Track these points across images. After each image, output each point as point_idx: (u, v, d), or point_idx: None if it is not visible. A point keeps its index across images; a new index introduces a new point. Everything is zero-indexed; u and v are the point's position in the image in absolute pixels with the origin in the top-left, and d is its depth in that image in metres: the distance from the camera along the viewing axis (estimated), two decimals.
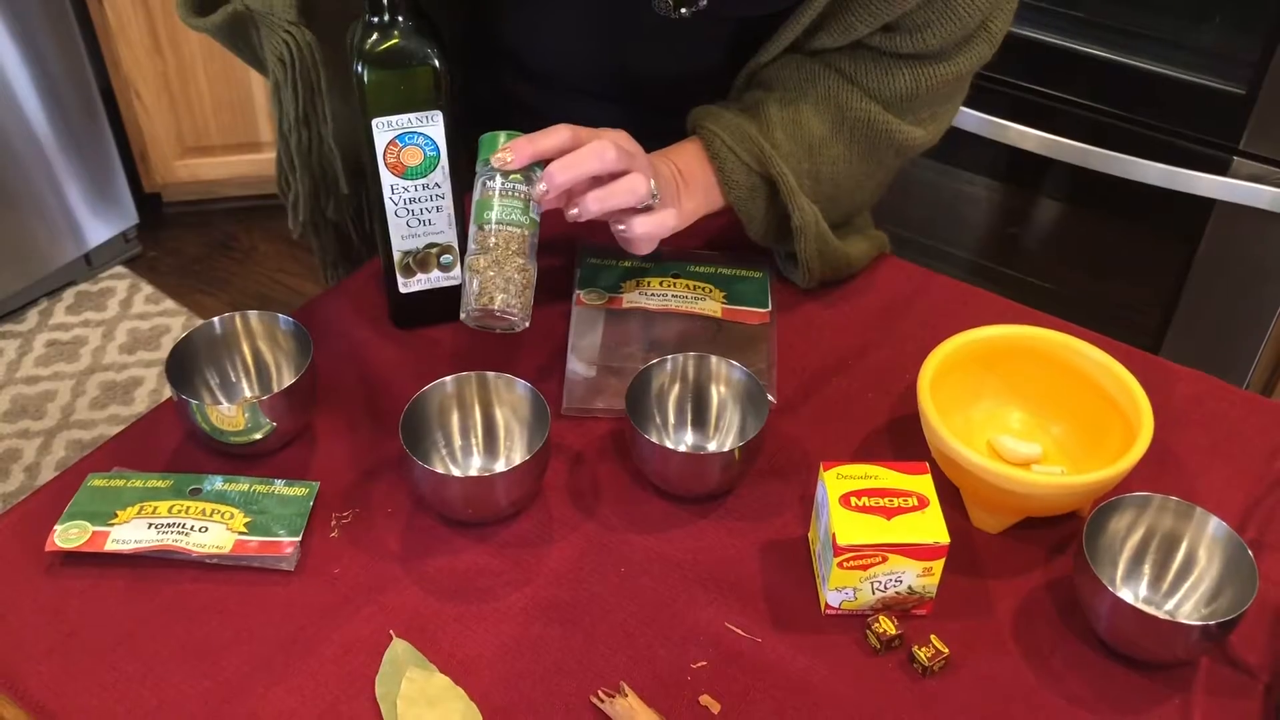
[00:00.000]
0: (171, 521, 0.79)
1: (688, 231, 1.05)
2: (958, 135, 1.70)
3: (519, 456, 0.83)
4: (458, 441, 0.84)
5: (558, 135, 0.82)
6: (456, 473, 0.83)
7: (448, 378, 0.82)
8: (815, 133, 0.94)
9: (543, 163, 0.83)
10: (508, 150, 0.81)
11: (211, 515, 0.79)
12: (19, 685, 0.71)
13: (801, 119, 0.94)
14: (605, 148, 0.82)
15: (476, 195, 0.83)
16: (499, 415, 0.84)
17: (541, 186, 0.82)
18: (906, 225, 1.92)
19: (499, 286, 0.80)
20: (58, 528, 0.78)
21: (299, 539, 0.78)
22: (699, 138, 0.94)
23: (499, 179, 0.82)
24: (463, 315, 0.82)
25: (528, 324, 0.82)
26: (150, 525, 0.78)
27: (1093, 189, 1.66)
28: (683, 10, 0.85)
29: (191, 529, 0.78)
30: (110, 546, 0.77)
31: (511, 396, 0.83)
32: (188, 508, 0.80)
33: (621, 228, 0.86)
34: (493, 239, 0.81)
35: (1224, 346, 1.65)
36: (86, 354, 2.36)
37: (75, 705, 0.70)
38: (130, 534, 0.78)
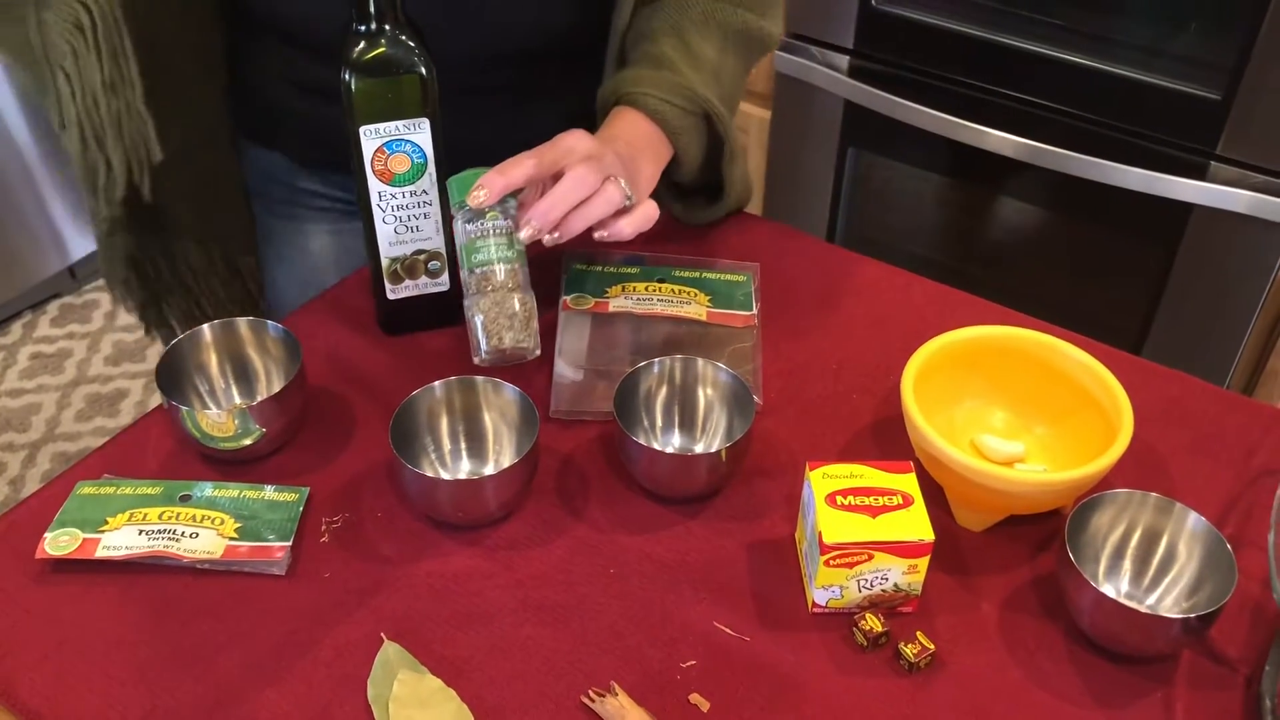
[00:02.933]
0: (162, 528, 0.79)
1: (674, 238, 1.07)
2: (938, 141, 1.72)
3: (508, 460, 0.84)
4: (447, 446, 0.84)
5: (524, 164, 0.83)
6: (446, 476, 0.83)
7: (436, 383, 0.83)
8: (710, 57, 0.99)
9: (515, 193, 0.84)
10: (480, 188, 0.82)
11: (202, 521, 0.80)
12: (11, 692, 0.71)
13: (695, 50, 0.98)
14: (585, 175, 0.82)
15: (460, 239, 0.84)
16: (488, 419, 0.85)
17: (525, 232, 0.82)
18: (886, 232, 1.93)
19: (504, 325, 0.83)
20: (48, 535, 0.78)
21: (289, 544, 0.78)
22: (627, 104, 0.95)
23: (478, 219, 0.83)
24: (476, 360, 0.84)
25: (539, 351, 0.85)
26: (141, 531, 0.79)
27: (1072, 194, 1.67)
28: None
29: (182, 535, 0.79)
30: (101, 553, 0.77)
31: (500, 400, 0.84)
32: (178, 514, 0.80)
33: (605, 234, 0.87)
34: (486, 280, 0.83)
35: (1204, 349, 1.67)
36: (71, 366, 2.35)
37: (68, 711, 0.70)
38: (121, 540, 0.78)
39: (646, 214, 0.87)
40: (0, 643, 0.73)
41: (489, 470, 0.84)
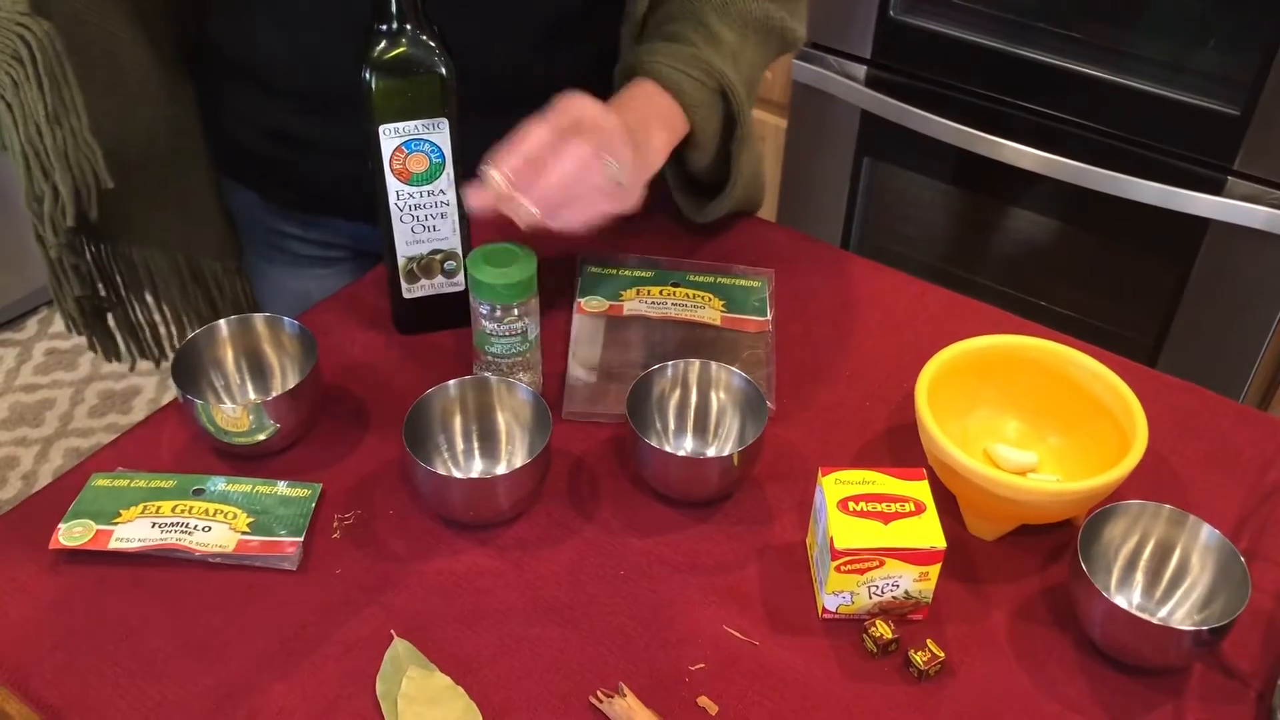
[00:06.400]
0: (175, 521, 0.79)
1: (689, 243, 1.07)
2: (954, 152, 1.72)
3: (520, 460, 0.84)
4: (460, 445, 0.85)
5: (538, 135, 0.80)
6: (458, 475, 0.83)
7: (450, 382, 0.83)
8: (729, 41, 0.98)
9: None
10: (495, 169, 0.79)
11: (215, 515, 0.80)
12: (23, 681, 0.71)
13: (714, 32, 0.97)
14: (586, 157, 0.80)
15: (475, 323, 0.86)
16: (501, 419, 0.85)
17: (527, 215, 0.80)
18: (900, 242, 1.93)
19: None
20: (62, 526, 0.79)
21: (301, 539, 0.79)
22: (643, 74, 0.94)
23: (496, 320, 0.84)
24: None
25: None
26: (154, 524, 0.79)
27: (1088, 207, 1.67)
28: None
29: (195, 528, 0.79)
30: (114, 545, 0.78)
31: (513, 401, 0.84)
32: (191, 507, 0.80)
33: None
34: (497, 364, 0.87)
35: (1218, 365, 1.66)
36: (85, 363, 2.36)
37: (79, 701, 0.70)
38: (134, 533, 0.78)
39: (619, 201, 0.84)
40: (12, 632, 0.74)
41: (501, 470, 0.84)
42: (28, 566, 0.78)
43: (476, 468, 0.85)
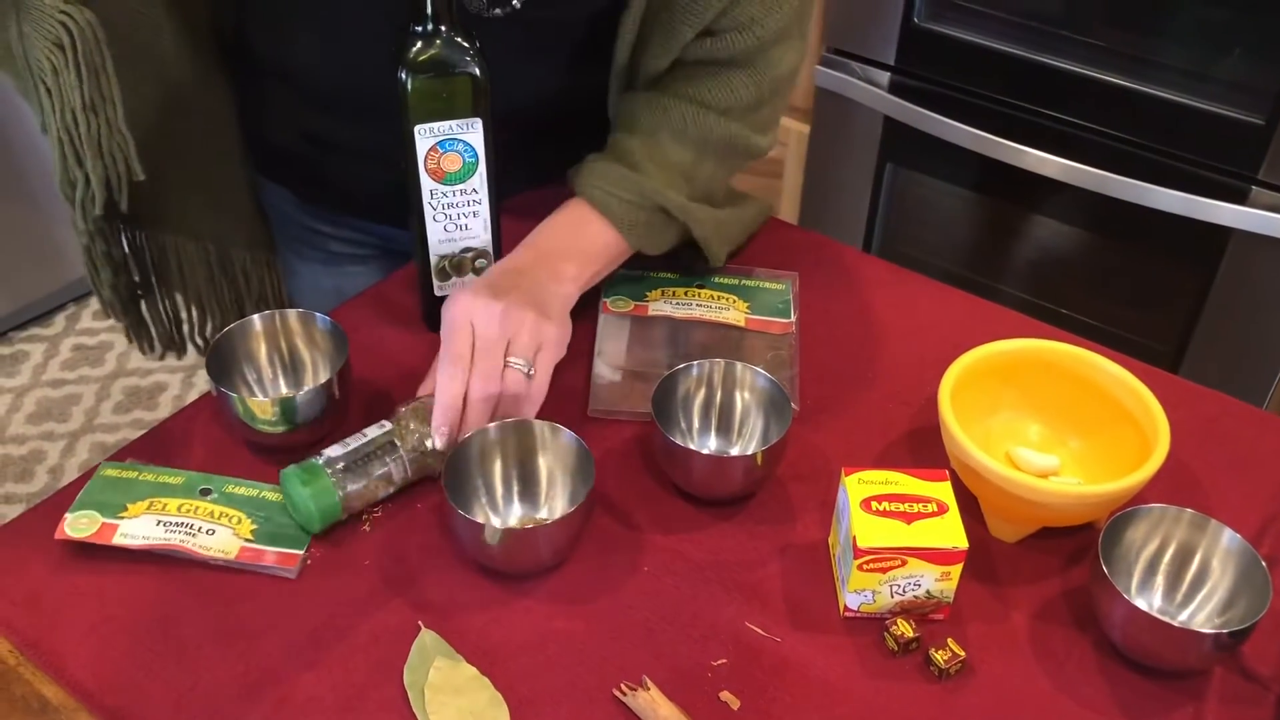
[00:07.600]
0: (180, 521, 0.79)
1: None
2: (977, 159, 1.72)
3: (561, 506, 0.81)
4: (499, 490, 0.82)
5: (456, 390, 0.82)
6: (497, 522, 0.81)
7: (491, 425, 0.81)
8: (682, 163, 0.97)
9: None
10: (439, 435, 0.82)
11: (219, 518, 0.80)
12: (60, 665, 0.73)
13: (665, 154, 0.96)
14: (484, 390, 0.82)
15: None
16: (542, 463, 0.82)
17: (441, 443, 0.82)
18: (922, 248, 1.94)
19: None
20: (68, 516, 0.79)
21: (303, 552, 0.79)
22: (580, 194, 0.94)
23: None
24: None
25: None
26: (159, 522, 0.79)
27: (1111, 216, 1.67)
28: (496, 10, 0.86)
29: (199, 530, 0.79)
30: (118, 540, 0.78)
31: (556, 445, 0.82)
32: (197, 508, 0.80)
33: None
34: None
35: (1240, 374, 1.66)
36: (111, 359, 2.39)
37: (113, 685, 0.72)
38: (138, 529, 0.79)
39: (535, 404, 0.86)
40: (49, 618, 0.75)
41: (542, 515, 0.82)
42: (61, 556, 0.79)
43: (516, 514, 0.82)
